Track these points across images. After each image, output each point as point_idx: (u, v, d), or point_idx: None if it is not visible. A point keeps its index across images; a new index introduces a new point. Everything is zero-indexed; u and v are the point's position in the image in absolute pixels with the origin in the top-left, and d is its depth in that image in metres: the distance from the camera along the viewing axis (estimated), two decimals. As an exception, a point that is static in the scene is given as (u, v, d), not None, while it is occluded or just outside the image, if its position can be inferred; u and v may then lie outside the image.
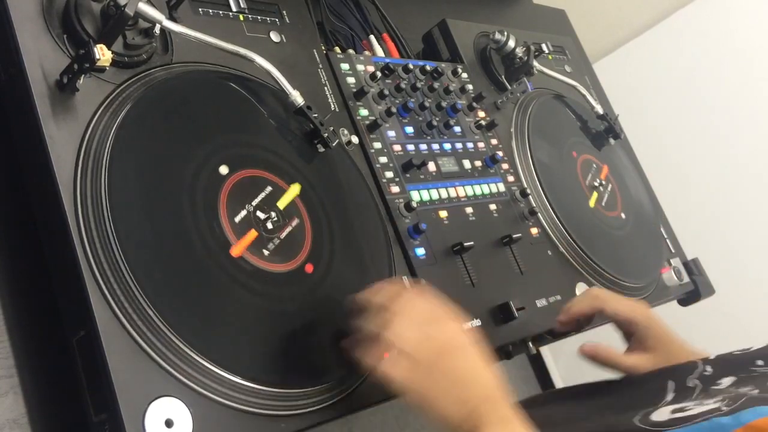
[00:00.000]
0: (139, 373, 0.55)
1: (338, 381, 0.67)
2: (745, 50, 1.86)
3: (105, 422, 0.54)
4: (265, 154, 0.74)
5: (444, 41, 1.14)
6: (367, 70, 0.95)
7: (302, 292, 0.69)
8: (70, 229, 0.57)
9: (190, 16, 0.77)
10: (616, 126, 1.23)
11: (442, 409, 0.60)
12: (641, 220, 1.21)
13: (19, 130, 0.64)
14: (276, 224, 0.70)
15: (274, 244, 0.69)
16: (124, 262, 0.57)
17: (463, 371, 0.62)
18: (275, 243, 0.69)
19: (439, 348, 0.62)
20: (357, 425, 1.76)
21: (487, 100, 1.08)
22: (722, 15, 1.90)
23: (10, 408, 0.58)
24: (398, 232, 0.84)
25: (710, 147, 1.90)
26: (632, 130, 1.41)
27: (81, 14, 0.66)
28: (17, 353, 0.60)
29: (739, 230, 1.84)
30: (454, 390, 0.61)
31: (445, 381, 0.61)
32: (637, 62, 2.04)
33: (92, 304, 0.55)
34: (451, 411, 0.60)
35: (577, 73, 1.34)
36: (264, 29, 0.85)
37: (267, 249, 0.68)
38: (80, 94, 0.63)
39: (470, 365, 0.63)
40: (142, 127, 0.65)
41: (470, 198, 0.95)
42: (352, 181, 0.83)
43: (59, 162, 0.59)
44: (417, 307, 0.65)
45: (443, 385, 0.61)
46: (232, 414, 0.59)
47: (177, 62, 0.73)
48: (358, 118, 0.89)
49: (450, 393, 0.60)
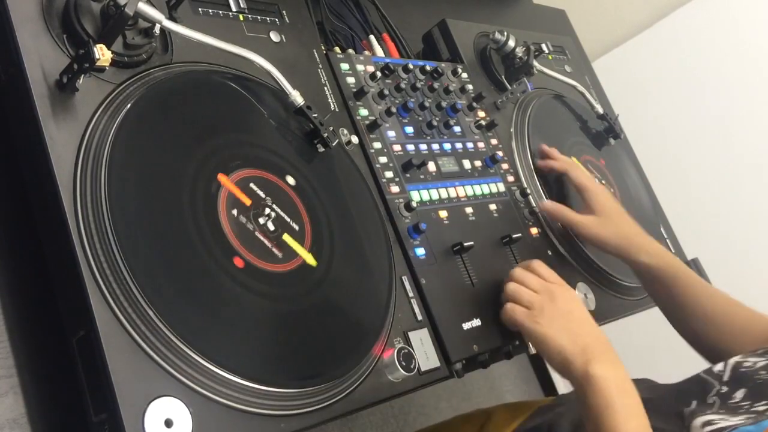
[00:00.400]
0: (139, 373, 0.55)
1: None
2: (744, 49, 1.86)
3: (105, 422, 0.54)
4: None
5: (444, 41, 1.14)
6: (367, 70, 0.95)
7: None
8: (70, 229, 0.57)
9: (189, 16, 0.77)
10: (616, 126, 1.23)
11: (560, 343, 0.74)
12: (641, 220, 1.21)
13: (18, 130, 0.64)
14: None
15: (273, 244, 0.69)
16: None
17: (579, 317, 0.78)
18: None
19: (556, 300, 0.79)
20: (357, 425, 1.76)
21: (487, 100, 1.09)
22: (721, 14, 1.90)
23: (10, 408, 0.58)
24: (398, 232, 0.84)
25: (710, 146, 1.90)
26: (632, 130, 1.41)
27: (81, 14, 0.66)
28: (17, 353, 0.60)
29: (739, 230, 1.84)
30: (570, 327, 0.76)
31: (563, 320, 0.76)
32: (637, 61, 2.04)
33: (92, 304, 0.55)
34: (567, 344, 0.74)
35: (577, 72, 1.34)
36: (264, 29, 0.85)
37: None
38: (80, 94, 0.63)
39: (585, 315, 0.79)
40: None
41: (470, 198, 0.95)
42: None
43: (59, 162, 0.59)
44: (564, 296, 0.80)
45: (561, 323, 0.76)
46: (232, 414, 0.59)
47: (177, 62, 0.73)
48: (358, 118, 0.89)
49: (567, 330, 0.75)
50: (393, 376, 0.72)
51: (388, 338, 0.74)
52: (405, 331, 0.77)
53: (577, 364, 0.72)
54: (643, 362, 1.68)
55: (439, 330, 0.80)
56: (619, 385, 0.70)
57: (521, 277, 0.83)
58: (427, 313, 0.80)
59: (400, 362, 0.73)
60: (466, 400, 2.03)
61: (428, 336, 0.78)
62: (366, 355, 0.71)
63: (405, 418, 1.87)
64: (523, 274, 0.83)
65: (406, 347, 0.75)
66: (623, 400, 0.69)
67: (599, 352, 0.73)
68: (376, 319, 0.74)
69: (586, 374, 0.70)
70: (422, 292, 0.81)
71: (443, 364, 0.78)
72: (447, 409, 1.97)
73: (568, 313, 0.78)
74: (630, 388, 0.70)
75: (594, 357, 0.72)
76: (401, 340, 0.76)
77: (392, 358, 0.73)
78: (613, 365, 0.72)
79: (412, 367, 0.74)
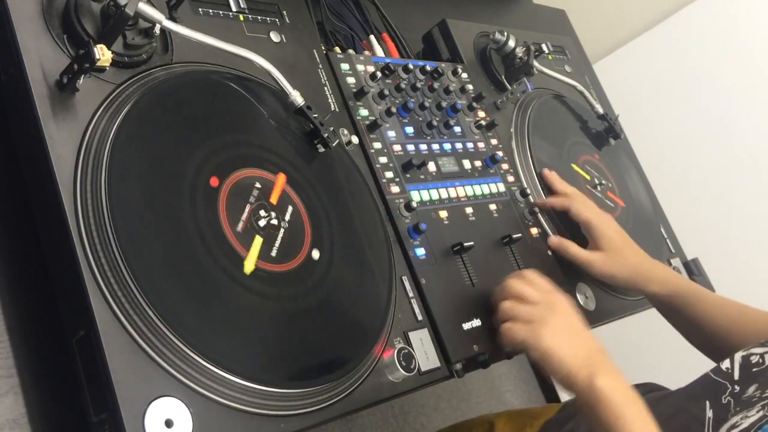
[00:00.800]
0: (139, 373, 0.55)
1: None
2: (744, 51, 1.86)
3: (105, 422, 0.54)
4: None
5: (444, 41, 1.14)
6: (367, 70, 0.95)
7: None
8: (70, 229, 0.57)
9: (190, 16, 0.77)
10: (616, 126, 1.23)
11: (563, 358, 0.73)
12: (641, 220, 1.21)
13: (19, 130, 0.64)
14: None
15: (273, 244, 0.69)
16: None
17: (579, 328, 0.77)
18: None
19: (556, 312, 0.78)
20: (357, 425, 1.76)
21: (487, 100, 1.08)
22: (722, 16, 1.90)
23: (10, 408, 0.58)
24: (398, 232, 0.84)
25: (710, 147, 1.90)
26: (632, 130, 1.41)
27: (81, 14, 0.66)
28: (17, 353, 0.60)
29: (739, 230, 1.84)
30: (572, 340, 0.75)
31: (565, 333, 0.75)
32: (637, 63, 2.04)
33: (92, 304, 0.55)
34: (570, 358, 0.73)
35: (577, 73, 1.34)
36: (264, 29, 0.85)
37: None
38: (80, 94, 0.63)
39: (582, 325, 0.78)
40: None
41: (470, 198, 0.95)
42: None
43: (59, 162, 0.59)
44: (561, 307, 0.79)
45: (564, 337, 0.75)
46: (232, 414, 0.59)
47: (177, 62, 0.73)
48: (358, 118, 0.89)
49: (569, 343, 0.74)
50: (393, 376, 0.72)
51: (388, 338, 0.74)
52: (405, 331, 0.77)
53: (581, 376, 0.72)
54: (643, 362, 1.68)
55: (439, 330, 0.80)
56: (625, 395, 0.70)
57: (518, 289, 0.80)
58: (427, 313, 0.80)
59: (400, 362, 0.73)
60: (466, 400, 2.03)
61: (428, 336, 0.78)
62: (366, 355, 0.71)
63: (405, 418, 1.87)
64: (520, 287, 0.81)
65: (406, 347, 0.75)
66: (632, 410, 0.69)
67: (600, 363, 0.73)
68: (376, 320, 0.74)
69: (592, 387, 0.70)
70: (422, 292, 0.81)
71: (443, 364, 0.78)
72: (447, 409, 1.97)
73: (570, 325, 0.77)
74: (635, 396, 0.70)
75: (597, 369, 0.71)
76: (401, 340, 0.76)
77: (392, 358, 0.73)
78: (616, 375, 0.72)
79: (412, 367, 0.74)
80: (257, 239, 0.67)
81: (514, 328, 0.77)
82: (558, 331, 0.75)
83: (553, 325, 0.75)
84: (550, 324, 0.76)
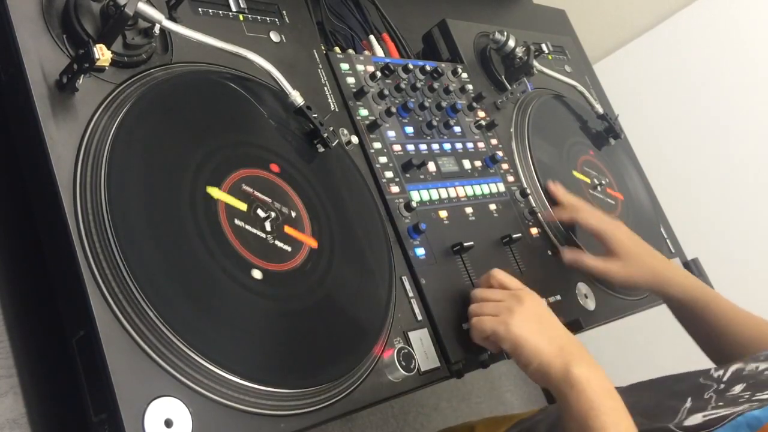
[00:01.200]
0: (139, 373, 0.55)
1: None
2: (744, 51, 1.86)
3: (105, 422, 0.54)
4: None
5: (444, 41, 1.14)
6: (367, 70, 0.95)
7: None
8: (70, 229, 0.57)
9: (189, 16, 0.77)
10: (616, 126, 1.23)
11: (536, 345, 0.71)
12: (641, 221, 1.21)
13: (18, 130, 0.64)
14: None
15: (273, 244, 0.69)
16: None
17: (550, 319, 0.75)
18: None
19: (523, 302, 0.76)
20: (357, 425, 1.76)
21: (487, 100, 1.09)
22: (722, 17, 1.90)
23: (10, 408, 0.58)
24: (398, 232, 0.84)
25: (710, 147, 1.90)
26: (632, 130, 1.41)
27: (81, 14, 0.66)
28: (17, 353, 0.60)
29: (739, 230, 1.84)
30: (543, 328, 0.73)
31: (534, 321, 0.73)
32: (637, 63, 2.04)
33: (92, 304, 0.55)
34: (544, 345, 0.71)
35: (577, 73, 1.34)
36: (264, 29, 0.85)
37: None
38: (80, 94, 0.63)
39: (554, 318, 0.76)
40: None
41: (470, 198, 0.95)
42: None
43: (59, 162, 0.59)
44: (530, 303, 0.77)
45: (534, 326, 0.73)
46: (232, 414, 0.59)
47: (177, 62, 0.73)
48: (358, 118, 0.89)
49: (540, 331, 0.72)
50: (393, 376, 0.72)
51: (388, 338, 0.74)
52: (405, 331, 0.77)
53: (556, 365, 0.69)
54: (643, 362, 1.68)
55: (439, 330, 0.80)
56: (602, 386, 0.67)
57: (482, 294, 0.80)
58: (427, 313, 0.80)
59: (400, 362, 0.73)
60: (466, 400, 2.03)
61: (428, 336, 0.78)
62: (366, 355, 0.71)
63: (405, 418, 1.87)
64: (483, 292, 0.80)
65: (406, 347, 0.75)
66: (608, 401, 0.66)
67: (577, 352, 0.70)
68: (376, 319, 0.74)
69: (568, 375, 0.67)
70: (422, 292, 0.81)
71: (443, 364, 0.78)
72: (447, 409, 1.97)
73: (539, 315, 0.75)
74: (612, 389, 0.68)
75: (573, 358, 0.69)
76: (401, 340, 0.76)
77: (392, 358, 0.73)
78: (594, 366, 0.69)
79: (412, 367, 0.74)
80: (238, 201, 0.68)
81: (482, 319, 0.76)
82: (526, 318, 0.73)
83: (519, 313, 0.73)
84: (516, 312, 0.73)
